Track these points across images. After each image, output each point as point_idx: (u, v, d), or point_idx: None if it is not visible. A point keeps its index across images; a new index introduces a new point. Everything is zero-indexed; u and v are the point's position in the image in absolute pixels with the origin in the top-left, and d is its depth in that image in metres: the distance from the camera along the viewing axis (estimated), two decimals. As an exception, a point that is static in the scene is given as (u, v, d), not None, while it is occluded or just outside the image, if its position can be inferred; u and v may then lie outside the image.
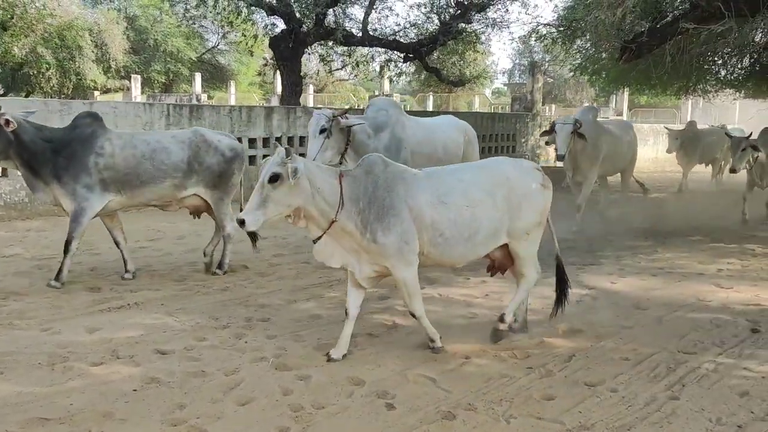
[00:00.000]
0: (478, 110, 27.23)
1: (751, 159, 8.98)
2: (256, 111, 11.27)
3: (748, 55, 12.12)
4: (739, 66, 12.99)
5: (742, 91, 14.62)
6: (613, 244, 8.08)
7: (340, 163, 6.39)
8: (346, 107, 6.84)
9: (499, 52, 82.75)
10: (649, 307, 5.41)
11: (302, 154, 7.54)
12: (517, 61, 37.07)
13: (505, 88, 44.53)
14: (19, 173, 5.91)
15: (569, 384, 3.82)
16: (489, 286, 5.96)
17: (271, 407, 3.43)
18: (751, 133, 9.49)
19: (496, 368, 4.02)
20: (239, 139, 8.36)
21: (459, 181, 4.15)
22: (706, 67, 12.82)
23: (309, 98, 32.84)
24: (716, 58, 11.93)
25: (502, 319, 4.40)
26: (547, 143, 13.65)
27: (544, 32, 12.40)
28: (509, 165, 4.37)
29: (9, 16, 17.95)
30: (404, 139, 6.77)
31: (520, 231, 4.25)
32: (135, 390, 3.56)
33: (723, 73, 13.67)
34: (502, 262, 4.44)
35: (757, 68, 12.53)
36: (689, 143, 13.10)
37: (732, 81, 13.72)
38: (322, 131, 6.23)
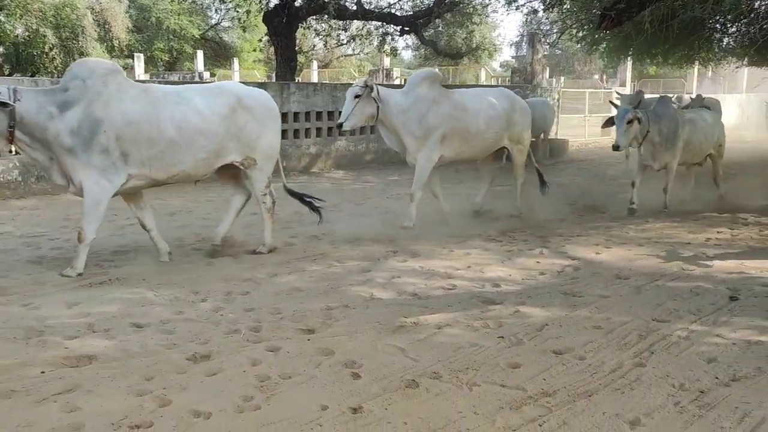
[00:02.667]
0: (483, 83, 27.03)
1: (639, 136, 7.48)
2: (250, 87, 11.21)
3: (750, 24, 11.89)
4: (740, 34, 12.76)
5: (745, 59, 14.39)
6: (605, 216, 8.06)
7: (15, 153, 4.72)
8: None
9: (507, 24, 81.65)
10: (630, 276, 5.40)
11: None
12: (524, 33, 36.71)
13: (514, 60, 44.19)
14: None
15: (537, 352, 3.84)
16: (472, 258, 5.98)
17: (237, 378, 3.47)
18: (640, 100, 8.03)
19: (467, 337, 4.05)
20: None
21: None
22: (707, 35, 12.61)
23: (313, 74, 32.78)
24: (716, 25, 11.71)
25: None
26: None
27: (523, 2, 12.17)
28: None
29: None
30: (103, 119, 5.10)
31: None
32: (106, 362, 3.61)
33: (725, 41, 13.47)
34: None
35: (760, 36, 12.30)
36: None
37: (734, 49, 13.51)
38: None
